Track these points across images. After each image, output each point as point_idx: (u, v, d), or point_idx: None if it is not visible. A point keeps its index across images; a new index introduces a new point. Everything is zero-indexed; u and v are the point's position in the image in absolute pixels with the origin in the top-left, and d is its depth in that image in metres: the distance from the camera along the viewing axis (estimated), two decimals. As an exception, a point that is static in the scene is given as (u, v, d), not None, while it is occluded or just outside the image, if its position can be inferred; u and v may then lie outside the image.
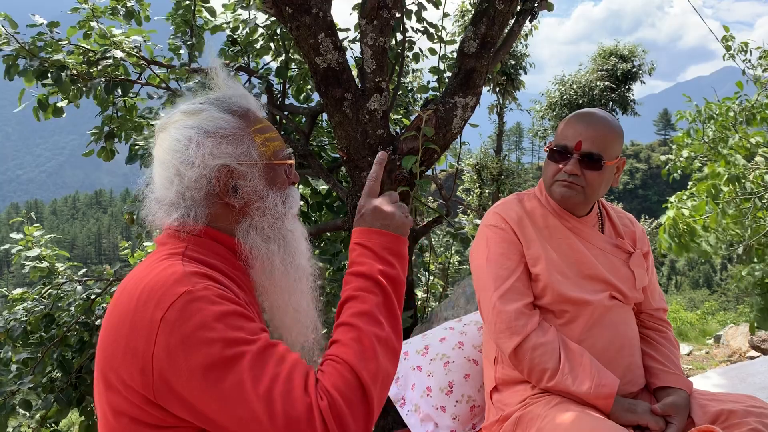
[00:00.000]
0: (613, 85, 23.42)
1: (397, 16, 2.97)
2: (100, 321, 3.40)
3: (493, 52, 2.84)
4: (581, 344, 1.67)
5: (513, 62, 19.01)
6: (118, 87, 3.53)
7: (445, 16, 3.77)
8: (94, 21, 3.62)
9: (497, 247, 1.75)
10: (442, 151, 2.90)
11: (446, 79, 3.64)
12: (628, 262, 1.81)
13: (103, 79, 3.51)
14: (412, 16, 3.62)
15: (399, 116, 4.17)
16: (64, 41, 3.52)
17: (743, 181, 4.20)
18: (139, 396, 1.02)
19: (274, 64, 3.82)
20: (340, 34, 2.97)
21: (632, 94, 24.11)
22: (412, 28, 3.64)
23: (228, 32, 3.84)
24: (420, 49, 3.91)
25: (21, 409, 3.17)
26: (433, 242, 4.96)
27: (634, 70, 23.89)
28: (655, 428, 1.59)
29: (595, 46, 25.42)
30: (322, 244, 3.73)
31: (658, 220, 4.66)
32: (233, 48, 3.79)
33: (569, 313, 1.71)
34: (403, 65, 3.52)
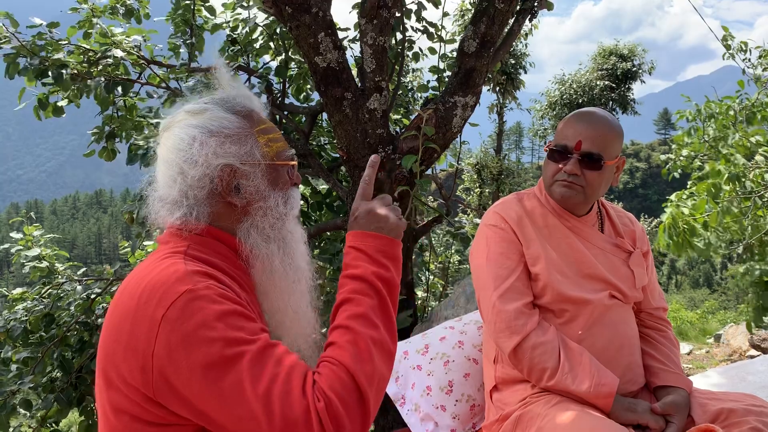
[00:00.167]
0: (613, 85, 23.41)
1: (397, 15, 2.97)
2: (100, 321, 3.41)
3: (493, 52, 2.84)
4: (581, 343, 1.67)
5: (513, 61, 19.00)
6: (118, 86, 3.53)
7: (445, 15, 3.77)
8: (94, 20, 3.62)
9: (497, 246, 1.75)
10: (442, 150, 2.90)
11: (446, 79, 3.64)
12: (628, 261, 1.81)
13: (103, 79, 3.52)
14: (412, 16, 3.62)
15: (399, 116, 4.17)
16: (64, 41, 3.52)
17: (743, 180, 4.20)
18: (139, 394, 1.02)
19: (274, 64, 3.82)
20: (340, 34, 2.97)
21: (632, 94, 24.10)
22: (412, 28, 3.64)
23: (227, 31, 3.84)
24: (420, 49, 3.91)
25: (21, 409, 3.17)
26: (433, 241, 4.96)
27: (634, 69, 23.88)
28: (655, 427, 1.59)
29: (595, 45, 25.43)
30: (322, 244, 3.73)
31: (658, 219, 4.66)
32: (233, 47, 3.79)
33: (569, 313, 1.71)
34: (403, 64, 3.52)
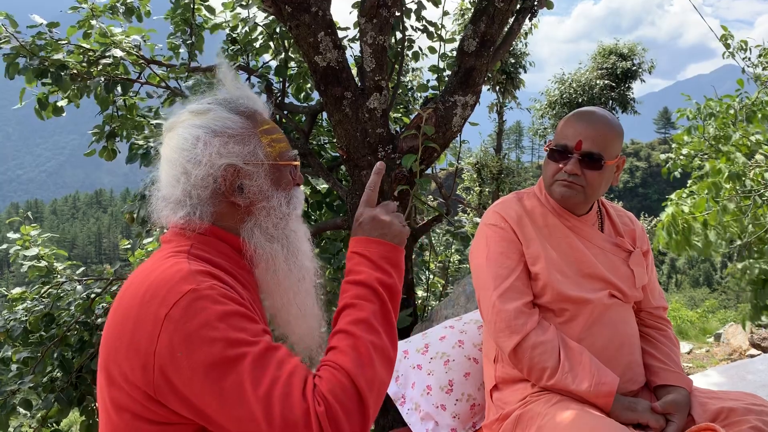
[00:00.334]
0: (613, 84, 23.38)
1: (397, 14, 2.96)
2: (100, 320, 3.41)
3: (493, 51, 2.83)
4: (581, 343, 1.67)
5: (513, 61, 18.97)
6: (118, 86, 3.53)
7: (445, 14, 3.77)
8: (93, 20, 3.61)
9: (497, 246, 1.75)
10: (442, 149, 2.90)
11: (446, 78, 3.64)
12: (628, 260, 1.81)
13: (103, 78, 3.51)
14: (412, 15, 3.61)
15: (399, 115, 4.17)
16: (63, 41, 3.52)
17: (743, 178, 4.20)
18: (140, 392, 1.03)
19: (274, 63, 3.82)
20: (340, 33, 2.97)
21: (632, 93, 24.07)
22: (412, 27, 3.64)
23: (227, 31, 3.84)
24: (420, 48, 3.91)
25: (22, 409, 3.17)
26: (433, 241, 4.96)
27: (634, 68, 23.86)
28: (656, 426, 1.59)
29: (594, 44, 25.39)
30: (322, 243, 3.73)
31: (658, 219, 4.66)
32: (232, 47, 3.79)
33: (569, 312, 1.71)
34: (403, 64, 3.51)
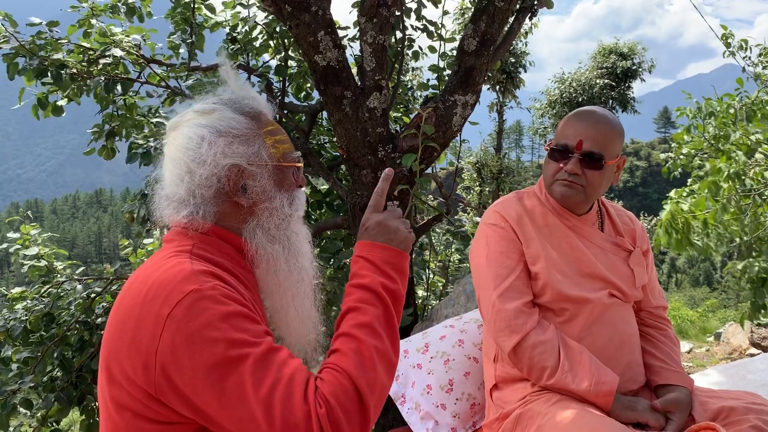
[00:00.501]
0: (613, 83, 23.37)
1: (397, 13, 2.96)
2: (100, 320, 3.41)
3: (493, 50, 2.83)
4: (581, 342, 1.67)
5: (513, 60, 18.95)
6: (118, 85, 3.53)
7: (445, 13, 3.77)
8: (93, 19, 3.61)
9: (497, 245, 1.75)
10: (442, 149, 2.90)
11: (446, 77, 3.64)
12: (628, 260, 1.81)
13: (103, 78, 3.51)
14: (412, 14, 3.61)
15: (399, 114, 4.17)
16: (63, 40, 3.52)
17: (743, 177, 4.20)
18: (141, 391, 1.03)
19: (274, 62, 3.81)
20: (340, 32, 2.97)
21: (632, 92, 24.04)
22: (412, 26, 3.64)
23: (227, 30, 3.84)
24: (420, 47, 3.90)
25: (22, 408, 3.17)
26: (433, 240, 4.96)
27: (634, 67, 23.83)
28: (655, 425, 1.59)
29: (594, 43, 25.37)
30: (322, 243, 3.73)
31: (658, 218, 4.66)
32: (232, 46, 3.79)
33: (569, 311, 1.71)
34: (403, 63, 3.51)
